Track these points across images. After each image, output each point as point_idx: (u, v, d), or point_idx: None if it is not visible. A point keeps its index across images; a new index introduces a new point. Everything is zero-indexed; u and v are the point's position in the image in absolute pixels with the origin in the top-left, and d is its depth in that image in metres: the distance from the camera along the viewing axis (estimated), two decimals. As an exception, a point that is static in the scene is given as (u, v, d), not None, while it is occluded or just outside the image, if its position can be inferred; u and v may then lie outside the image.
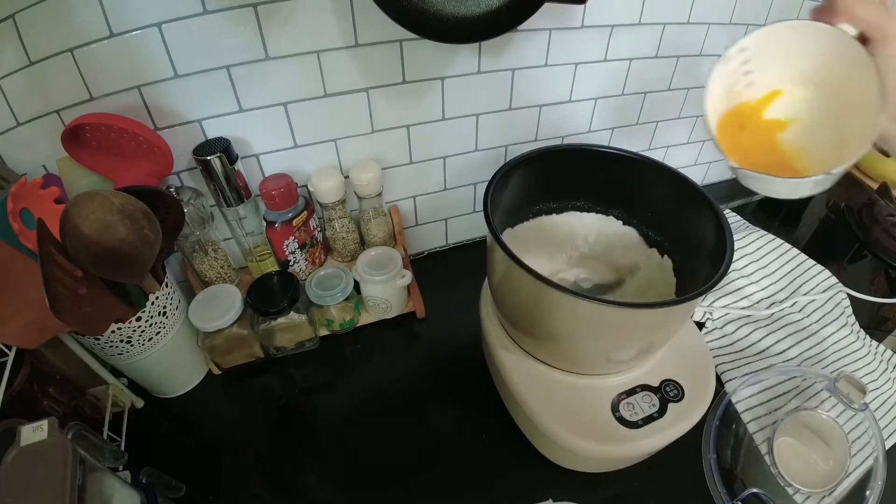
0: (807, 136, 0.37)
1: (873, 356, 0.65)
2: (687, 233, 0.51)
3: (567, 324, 0.45)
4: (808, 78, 0.37)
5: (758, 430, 0.57)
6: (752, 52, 0.37)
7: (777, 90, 0.38)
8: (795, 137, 0.37)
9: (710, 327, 0.69)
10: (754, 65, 0.37)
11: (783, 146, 0.38)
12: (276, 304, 0.59)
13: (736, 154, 0.37)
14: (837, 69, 0.34)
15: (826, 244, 0.87)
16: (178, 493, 0.51)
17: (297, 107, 0.59)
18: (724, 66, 0.37)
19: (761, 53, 0.37)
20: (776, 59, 0.37)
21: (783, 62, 0.37)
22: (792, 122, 0.38)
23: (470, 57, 0.62)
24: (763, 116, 0.38)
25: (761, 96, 0.38)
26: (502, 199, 0.51)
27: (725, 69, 0.37)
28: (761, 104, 0.38)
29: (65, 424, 0.39)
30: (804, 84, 0.37)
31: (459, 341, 0.68)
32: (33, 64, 0.48)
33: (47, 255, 0.41)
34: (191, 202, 0.58)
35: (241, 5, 0.50)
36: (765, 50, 0.36)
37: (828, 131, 0.35)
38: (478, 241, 0.85)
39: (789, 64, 0.37)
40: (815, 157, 0.35)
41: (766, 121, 0.38)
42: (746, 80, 0.38)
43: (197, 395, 0.63)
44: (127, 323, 0.51)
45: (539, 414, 0.48)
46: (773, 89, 0.38)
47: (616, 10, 0.65)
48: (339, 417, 0.60)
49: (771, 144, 0.38)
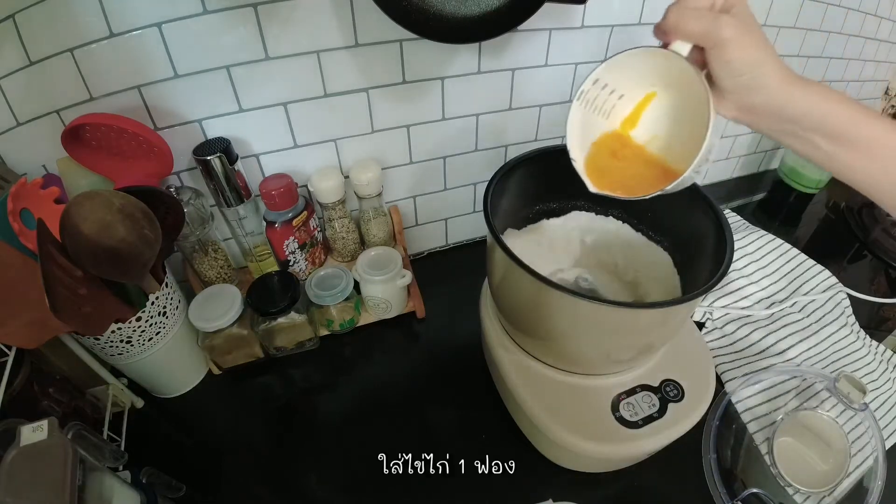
0: (674, 145, 0.40)
1: (873, 356, 0.65)
2: (687, 233, 0.51)
3: (567, 324, 0.45)
4: (660, 94, 0.40)
5: (758, 430, 0.57)
6: (604, 82, 0.39)
7: (633, 113, 0.41)
8: (663, 149, 0.40)
9: (710, 327, 0.69)
10: (608, 93, 0.40)
11: (658, 158, 0.40)
12: (276, 304, 0.59)
13: (608, 178, 0.41)
14: (678, 82, 0.37)
15: (826, 244, 0.87)
16: (178, 493, 0.51)
17: (297, 107, 0.59)
18: (580, 101, 0.40)
19: (612, 82, 0.40)
20: (625, 85, 0.40)
21: (633, 86, 0.40)
22: (653, 140, 0.41)
23: (470, 57, 0.62)
24: (631, 139, 0.41)
25: (619, 124, 0.41)
26: (502, 200, 0.51)
27: (582, 103, 0.40)
28: (623, 129, 0.42)
29: (65, 424, 0.39)
30: (656, 103, 0.40)
31: (459, 341, 0.68)
32: (33, 64, 0.48)
33: (47, 255, 0.41)
34: (191, 202, 0.58)
35: (241, 5, 0.50)
36: (615, 79, 0.39)
37: (686, 136, 0.38)
38: (478, 241, 0.85)
39: (639, 86, 0.40)
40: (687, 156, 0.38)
41: (633, 143, 0.41)
42: (603, 110, 0.41)
43: (197, 395, 0.63)
44: (127, 323, 0.51)
45: (539, 414, 0.48)
46: (628, 113, 0.41)
47: (616, 10, 0.65)
48: (339, 417, 0.60)
49: (646, 159, 0.41)
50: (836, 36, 0.88)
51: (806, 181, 0.96)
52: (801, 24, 0.82)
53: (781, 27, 0.80)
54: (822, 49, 0.89)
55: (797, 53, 0.86)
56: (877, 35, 0.96)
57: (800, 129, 0.34)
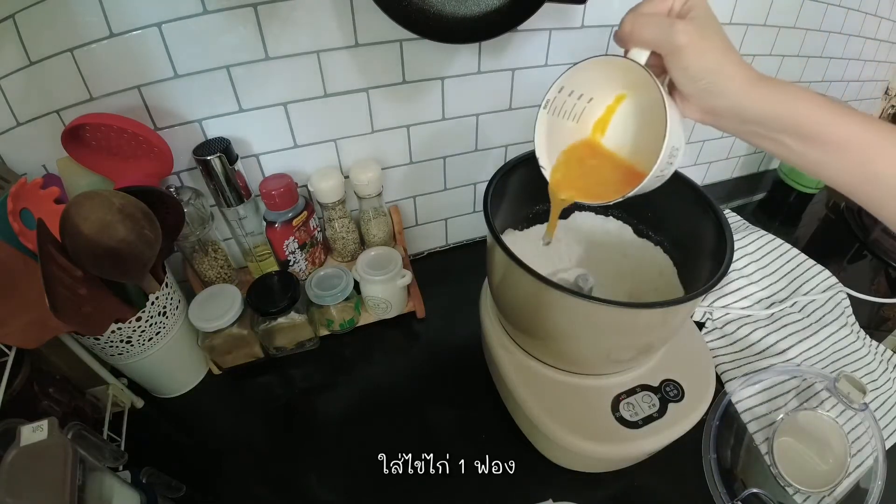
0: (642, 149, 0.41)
1: (873, 356, 0.65)
2: (687, 233, 0.51)
3: (567, 324, 0.45)
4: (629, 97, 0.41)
5: (758, 430, 0.57)
6: (570, 89, 0.40)
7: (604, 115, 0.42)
8: (633, 154, 0.42)
9: (710, 327, 0.69)
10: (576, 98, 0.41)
11: (626, 162, 0.42)
12: (276, 304, 0.59)
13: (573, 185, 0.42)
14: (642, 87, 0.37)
15: (826, 244, 0.87)
16: (178, 493, 0.51)
17: (297, 107, 0.59)
18: (546, 109, 0.41)
19: (579, 87, 0.40)
20: (593, 90, 0.41)
21: (601, 88, 0.41)
22: (621, 147, 0.42)
23: (470, 57, 0.62)
24: (601, 145, 0.43)
25: (591, 126, 0.43)
26: (502, 200, 0.51)
27: (549, 111, 0.41)
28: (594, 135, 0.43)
29: (65, 424, 0.39)
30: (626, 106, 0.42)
31: (459, 341, 0.68)
32: (33, 64, 0.48)
33: (47, 255, 0.41)
34: (191, 202, 0.58)
35: (241, 5, 0.50)
36: (581, 84, 0.40)
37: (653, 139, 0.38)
38: (478, 241, 0.85)
39: (608, 89, 0.41)
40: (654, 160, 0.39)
41: (604, 150, 0.43)
42: (573, 114, 0.42)
43: (197, 395, 0.63)
44: (127, 323, 0.51)
45: (539, 414, 0.48)
46: (599, 115, 0.42)
47: (616, 10, 0.65)
48: (339, 417, 0.60)
49: (615, 164, 0.42)
50: (836, 36, 0.88)
51: (806, 181, 0.96)
52: (801, 24, 0.82)
53: (781, 27, 0.80)
54: (822, 49, 0.89)
55: (797, 53, 0.86)
56: (877, 35, 0.96)
57: (764, 130, 0.34)
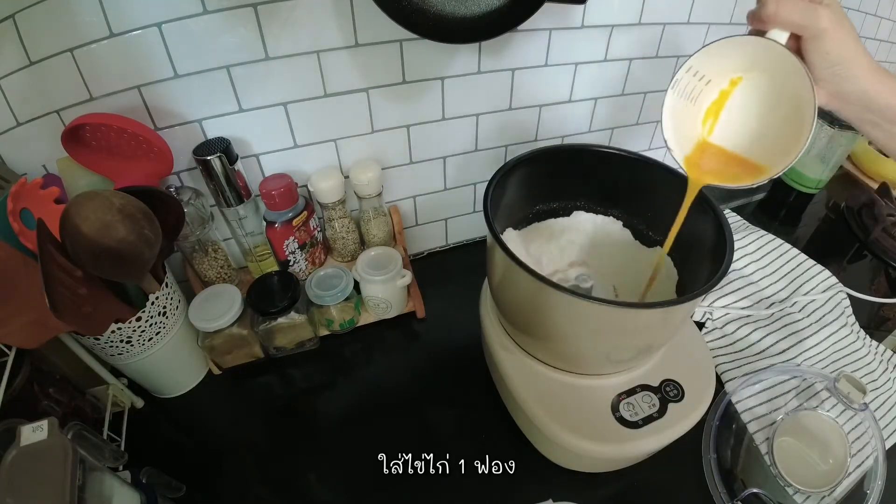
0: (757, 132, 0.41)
1: (873, 356, 0.65)
2: (687, 233, 0.51)
3: (567, 324, 0.45)
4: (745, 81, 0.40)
5: (758, 430, 0.57)
6: (696, 70, 0.40)
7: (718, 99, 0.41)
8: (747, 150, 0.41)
9: (710, 327, 0.69)
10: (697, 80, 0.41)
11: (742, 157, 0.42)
12: (276, 304, 0.59)
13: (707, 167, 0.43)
14: (771, 69, 0.37)
15: (826, 244, 0.87)
16: (178, 493, 0.51)
17: (297, 107, 0.59)
18: (674, 90, 0.41)
19: (703, 69, 0.40)
20: (713, 72, 0.40)
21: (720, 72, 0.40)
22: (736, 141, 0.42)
23: (470, 57, 0.62)
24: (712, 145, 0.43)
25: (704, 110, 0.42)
26: (502, 200, 0.51)
27: (675, 92, 0.41)
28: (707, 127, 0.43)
29: (65, 424, 0.39)
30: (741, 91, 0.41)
31: (459, 341, 0.68)
32: (33, 64, 0.48)
33: (47, 255, 0.41)
34: (191, 202, 0.58)
35: (241, 5, 0.50)
36: (704, 66, 0.40)
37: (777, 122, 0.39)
38: (478, 241, 0.85)
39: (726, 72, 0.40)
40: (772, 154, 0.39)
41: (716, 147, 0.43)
42: (692, 95, 0.41)
43: (197, 395, 0.63)
44: (127, 323, 0.51)
45: (539, 414, 0.48)
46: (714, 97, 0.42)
47: (616, 10, 0.65)
48: (339, 417, 0.60)
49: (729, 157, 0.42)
50: (836, 36, 0.88)
51: (806, 181, 0.96)
52: (801, 24, 0.82)
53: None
54: (822, 49, 0.88)
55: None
56: (877, 35, 0.96)
57: (882, 120, 0.37)
